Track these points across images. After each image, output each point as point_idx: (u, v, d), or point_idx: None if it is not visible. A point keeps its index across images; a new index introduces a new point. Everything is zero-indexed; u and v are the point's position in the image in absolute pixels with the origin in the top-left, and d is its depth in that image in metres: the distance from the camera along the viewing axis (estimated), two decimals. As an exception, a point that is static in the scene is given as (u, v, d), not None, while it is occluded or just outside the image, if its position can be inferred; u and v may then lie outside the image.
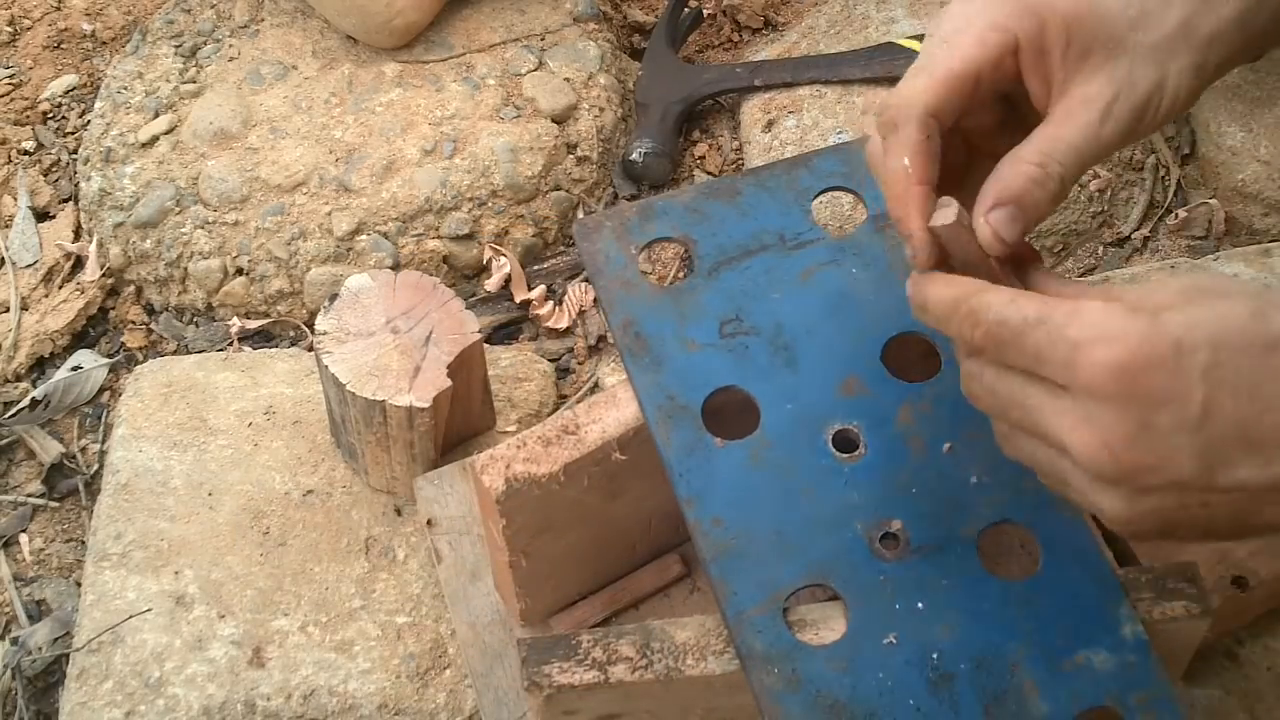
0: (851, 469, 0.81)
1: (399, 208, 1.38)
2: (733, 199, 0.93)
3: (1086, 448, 0.64)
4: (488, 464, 0.86)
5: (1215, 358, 0.63)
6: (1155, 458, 0.64)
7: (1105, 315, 0.64)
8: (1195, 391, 0.63)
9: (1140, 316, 0.64)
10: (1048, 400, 0.66)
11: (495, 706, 1.00)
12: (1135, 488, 0.65)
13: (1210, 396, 0.63)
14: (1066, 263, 1.41)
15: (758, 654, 0.75)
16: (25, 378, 1.37)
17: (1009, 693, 0.74)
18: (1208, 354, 0.63)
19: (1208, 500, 0.65)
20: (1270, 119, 1.43)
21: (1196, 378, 0.63)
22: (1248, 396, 0.63)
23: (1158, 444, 0.63)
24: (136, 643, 1.11)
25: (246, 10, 1.55)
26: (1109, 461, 0.64)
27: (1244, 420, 0.63)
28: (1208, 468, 0.64)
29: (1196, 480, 0.64)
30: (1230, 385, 0.63)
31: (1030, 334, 0.66)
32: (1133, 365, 0.63)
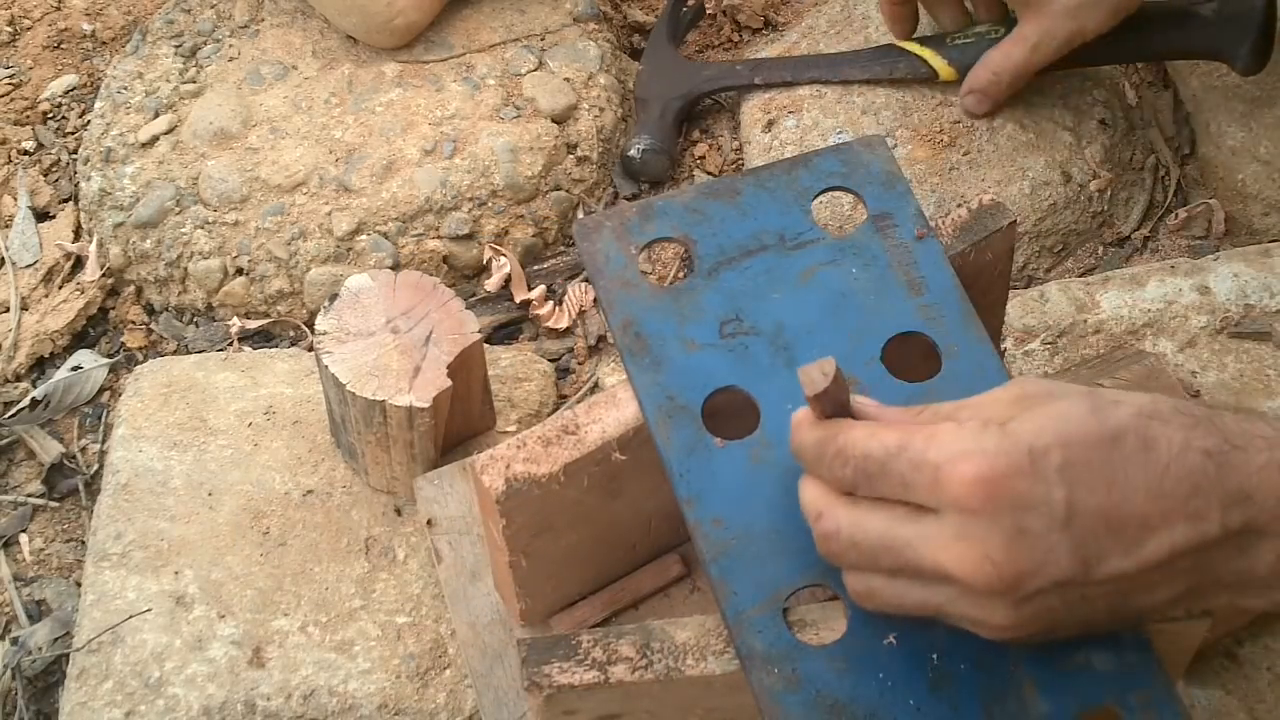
0: None
1: (399, 208, 1.38)
2: (733, 199, 0.93)
3: (966, 563, 0.66)
4: (488, 464, 0.86)
5: (1067, 456, 0.66)
6: (1033, 562, 0.66)
7: (959, 435, 0.68)
8: (1057, 491, 0.66)
9: (990, 430, 0.67)
10: (917, 530, 0.68)
11: (495, 706, 1.00)
12: (1019, 595, 0.67)
13: (1071, 494, 0.66)
14: (1066, 262, 1.41)
15: (758, 654, 0.75)
16: (25, 378, 1.37)
17: (1009, 693, 0.74)
18: (1059, 453, 0.66)
19: (1086, 594, 0.68)
20: (1270, 119, 1.43)
21: (1055, 478, 0.66)
22: (1104, 488, 0.66)
23: (1034, 547, 0.66)
24: (136, 643, 1.11)
25: (246, 10, 1.55)
26: (991, 572, 0.66)
27: (1105, 511, 0.66)
28: (1083, 562, 0.66)
29: (1075, 576, 0.66)
30: (1085, 480, 0.66)
31: (894, 463, 0.69)
32: (994, 475, 0.66)
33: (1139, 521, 0.66)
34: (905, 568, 0.69)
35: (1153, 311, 1.26)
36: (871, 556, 0.71)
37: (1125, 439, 0.67)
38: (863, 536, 0.70)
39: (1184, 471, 0.67)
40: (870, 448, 0.69)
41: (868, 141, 0.96)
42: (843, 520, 0.71)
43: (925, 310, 0.87)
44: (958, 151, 1.42)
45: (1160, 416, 0.68)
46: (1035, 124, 1.44)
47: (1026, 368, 1.23)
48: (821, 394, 0.72)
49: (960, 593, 0.68)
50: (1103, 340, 1.25)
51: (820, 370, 0.72)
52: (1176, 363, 1.22)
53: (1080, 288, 1.29)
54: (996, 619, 0.68)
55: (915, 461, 0.68)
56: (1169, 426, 0.68)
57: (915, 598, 0.71)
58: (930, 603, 0.70)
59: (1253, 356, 1.22)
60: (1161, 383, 1.09)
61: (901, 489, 0.69)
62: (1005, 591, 0.67)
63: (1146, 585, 0.68)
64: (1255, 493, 0.67)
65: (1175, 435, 0.67)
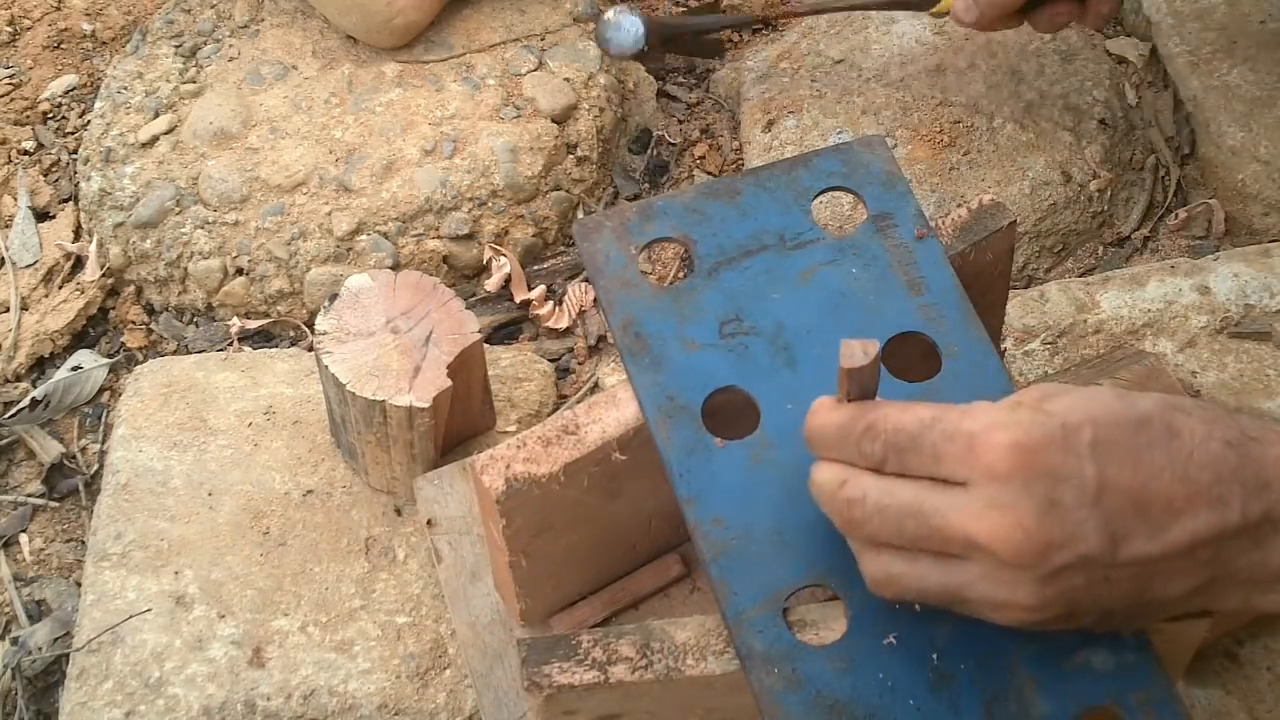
0: None
1: (399, 208, 1.38)
2: (733, 199, 0.93)
3: (998, 530, 0.67)
4: (488, 464, 0.86)
5: (1098, 434, 0.68)
6: (1063, 534, 0.67)
7: (993, 409, 0.69)
8: (1088, 466, 0.67)
9: (1023, 407, 0.69)
10: (948, 499, 0.69)
11: (495, 707, 1.00)
12: (1046, 570, 0.67)
13: (1102, 470, 0.67)
14: (1066, 263, 1.41)
15: (757, 654, 0.75)
16: (25, 378, 1.37)
17: (1009, 692, 0.74)
18: (1091, 431, 0.68)
19: (1110, 575, 0.68)
20: (1270, 119, 1.43)
21: (1087, 453, 0.67)
22: (1132, 468, 0.67)
23: (1065, 519, 0.67)
24: (136, 643, 1.11)
25: (246, 10, 1.55)
26: (1023, 540, 0.67)
27: (1133, 491, 0.67)
28: (1110, 540, 0.67)
29: (1102, 555, 0.67)
30: (1116, 459, 0.67)
31: (927, 434, 0.69)
32: (1029, 444, 0.67)
33: (1165, 504, 0.67)
34: (932, 536, 0.69)
35: (1153, 311, 1.26)
36: (896, 523, 0.70)
37: (1152, 423, 0.69)
38: (890, 499, 0.70)
39: (1207, 458, 0.68)
40: (904, 420, 0.70)
41: (868, 141, 0.96)
42: (869, 485, 0.71)
43: (925, 310, 0.87)
44: (958, 151, 1.42)
45: (1183, 408, 0.70)
46: (1035, 124, 1.44)
47: (1026, 368, 1.23)
48: (857, 370, 0.72)
49: (985, 570, 0.69)
50: (1103, 340, 1.25)
51: (863, 348, 0.72)
52: (1176, 363, 1.22)
53: (1080, 288, 1.29)
54: (1020, 596, 0.68)
55: (949, 432, 0.69)
56: (1191, 417, 0.69)
57: (936, 579, 0.71)
58: (952, 583, 0.70)
59: (1253, 356, 1.22)
60: (1161, 383, 1.09)
61: (933, 461, 0.69)
62: (1033, 563, 0.67)
63: (1167, 573, 0.69)
64: (1273, 481, 0.69)
65: (1198, 425, 0.69)
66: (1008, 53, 1.50)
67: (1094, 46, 1.53)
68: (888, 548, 0.72)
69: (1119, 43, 1.56)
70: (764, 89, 1.51)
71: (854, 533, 0.73)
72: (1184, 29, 1.51)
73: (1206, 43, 1.50)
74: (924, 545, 0.70)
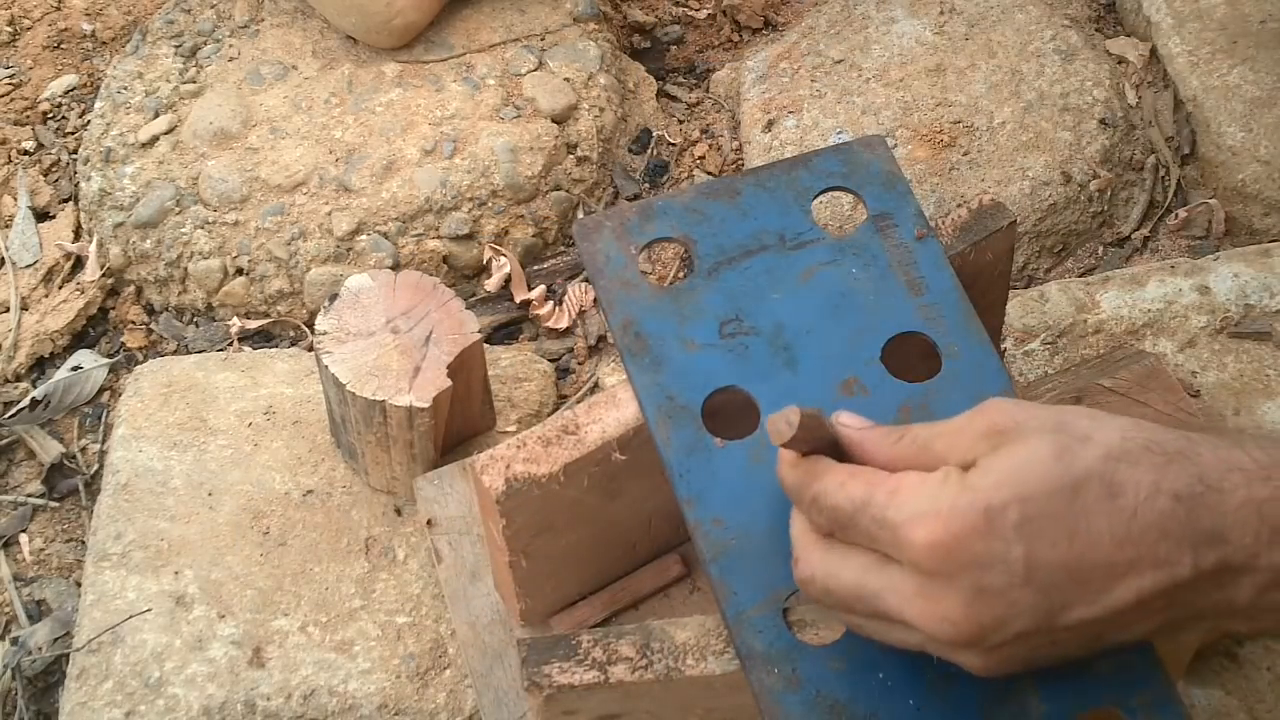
0: None
1: (399, 208, 1.38)
2: (733, 199, 0.93)
3: (927, 620, 0.67)
4: (488, 464, 0.86)
5: (1025, 512, 0.65)
6: (994, 618, 0.66)
7: (919, 493, 0.67)
8: (1014, 549, 0.65)
9: (950, 485, 0.67)
10: (886, 580, 0.69)
11: (495, 706, 1.00)
12: (984, 646, 0.67)
13: (1030, 550, 0.65)
14: (1066, 263, 1.41)
15: (757, 654, 0.75)
16: (25, 378, 1.37)
17: (1009, 694, 0.74)
18: (1017, 510, 0.65)
19: (1055, 639, 0.68)
20: (1270, 119, 1.43)
21: (1013, 535, 0.65)
22: (1066, 540, 0.65)
23: (994, 604, 0.66)
24: (136, 643, 1.11)
25: (246, 10, 1.55)
26: (951, 630, 0.67)
27: (1067, 564, 0.65)
28: (1047, 614, 0.66)
29: (1040, 627, 0.66)
30: (1046, 535, 0.65)
31: (859, 518, 0.69)
32: (949, 538, 0.66)
33: (1104, 570, 0.66)
34: (878, 614, 0.70)
35: (1153, 311, 1.26)
36: (845, 604, 0.72)
37: (1088, 487, 0.66)
38: (835, 585, 0.71)
39: (1153, 517, 0.65)
40: (839, 500, 0.70)
41: (868, 141, 0.96)
42: (817, 568, 0.72)
43: (925, 310, 0.87)
44: (958, 151, 1.42)
45: (1129, 458, 0.67)
46: (1035, 124, 1.44)
47: (1026, 368, 1.23)
48: (790, 442, 0.72)
49: (932, 641, 0.69)
50: (1103, 340, 1.24)
51: (785, 420, 0.71)
52: (1176, 363, 1.22)
53: (1080, 288, 1.29)
54: (970, 663, 0.69)
55: (878, 519, 0.68)
56: (1137, 468, 0.66)
57: (896, 637, 0.71)
58: (910, 641, 0.71)
59: (1253, 356, 1.22)
60: (1161, 383, 1.09)
61: (869, 541, 0.70)
62: (969, 645, 0.67)
63: (1118, 624, 0.67)
64: (1229, 532, 0.66)
65: (1144, 478, 0.66)
66: (1008, 53, 1.51)
67: (1094, 47, 1.53)
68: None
69: (1119, 43, 1.56)
70: (764, 89, 1.52)
71: (815, 603, 0.75)
72: (1184, 29, 1.51)
73: (1206, 43, 1.50)
74: (876, 618, 0.71)
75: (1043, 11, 1.55)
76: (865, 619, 0.72)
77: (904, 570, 0.68)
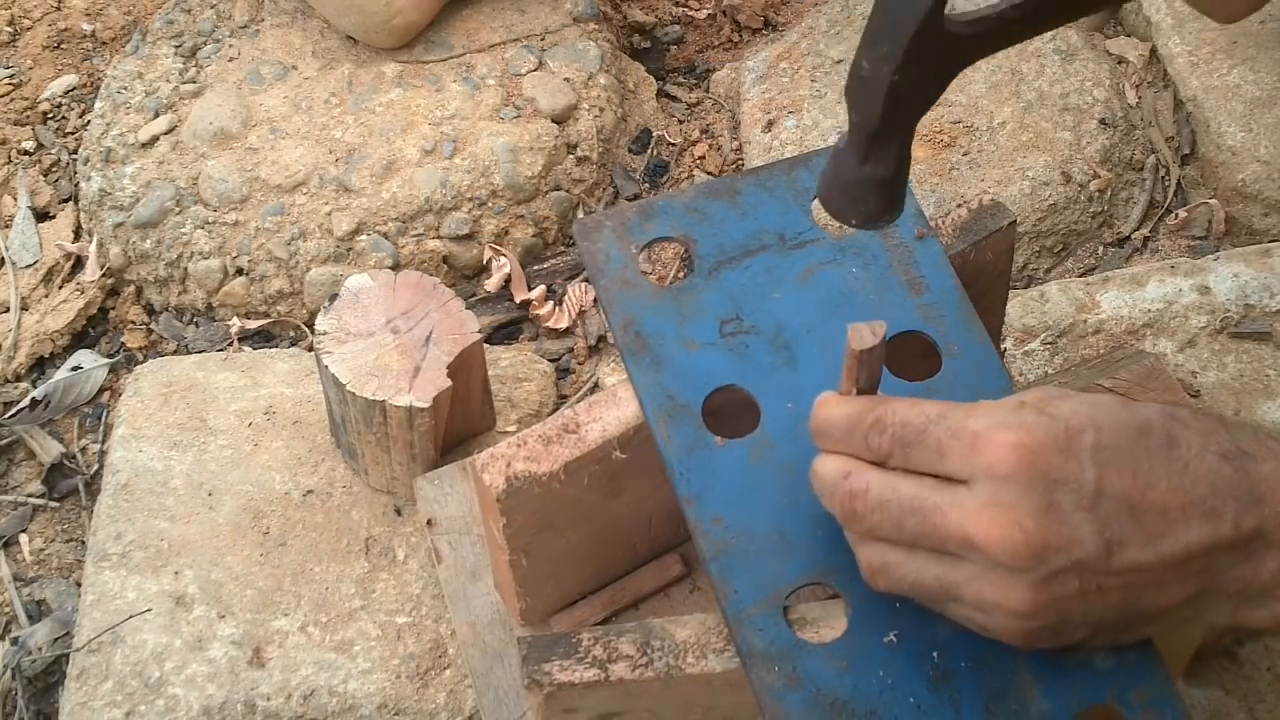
0: None
1: (399, 208, 1.38)
2: (733, 199, 0.93)
3: (995, 528, 0.67)
4: (488, 463, 0.86)
5: (1099, 439, 0.68)
6: (1061, 536, 0.67)
7: (998, 409, 0.70)
8: (1088, 470, 0.68)
9: (1027, 408, 0.70)
10: (949, 497, 0.69)
11: (495, 706, 1.00)
12: (1040, 573, 0.68)
13: (1101, 475, 0.68)
14: (1066, 263, 1.41)
15: (758, 652, 0.75)
16: (25, 378, 1.37)
17: (1010, 691, 0.74)
18: (1093, 435, 0.68)
19: (1102, 584, 0.69)
20: (1270, 119, 1.43)
21: (1088, 457, 0.68)
22: (1130, 474, 0.68)
23: (1062, 522, 0.67)
24: (136, 643, 1.11)
25: (246, 10, 1.55)
26: (1020, 540, 0.67)
27: (1129, 497, 0.68)
28: (1105, 546, 0.68)
29: (1096, 561, 0.68)
30: (1115, 464, 0.68)
31: (933, 430, 0.70)
32: (1031, 445, 0.68)
33: (1160, 512, 0.68)
34: (931, 534, 0.70)
35: (1153, 312, 1.26)
36: (897, 519, 0.71)
37: (1152, 431, 0.69)
38: (893, 495, 0.71)
39: (1203, 470, 0.69)
40: (910, 415, 0.71)
41: (868, 141, 0.96)
42: (873, 479, 0.72)
43: (925, 310, 0.87)
44: (958, 151, 1.42)
45: (1180, 419, 0.70)
46: (1035, 124, 1.44)
47: (1026, 368, 1.23)
48: (866, 352, 0.72)
49: (980, 570, 0.69)
50: (1103, 340, 1.25)
51: (871, 329, 0.72)
52: (1176, 363, 1.22)
53: (1080, 288, 1.29)
54: (1012, 599, 0.69)
55: (954, 429, 0.69)
56: (1189, 429, 0.70)
57: (931, 573, 0.71)
58: (948, 579, 0.70)
59: (1253, 357, 1.22)
60: (1161, 382, 1.09)
61: (937, 457, 0.70)
62: (1028, 565, 0.67)
63: (1159, 583, 0.69)
64: (1266, 496, 0.69)
65: (1194, 438, 0.70)
66: (1008, 53, 1.50)
67: (1094, 46, 1.53)
68: (886, 540, 0.72)
69: (1119, 43, 1.56)
70: (764, 89, 1.52)
71: (854, 526, 0.73)
72: (1184, 29, 1.51)
73: (1206, 43, 1.50)
74: (923, 542, 0.70)
75: (1042, 12, 1.54)
76: (908, 550, 0.71)
77: (972, 487, 0.68)
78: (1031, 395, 0.72)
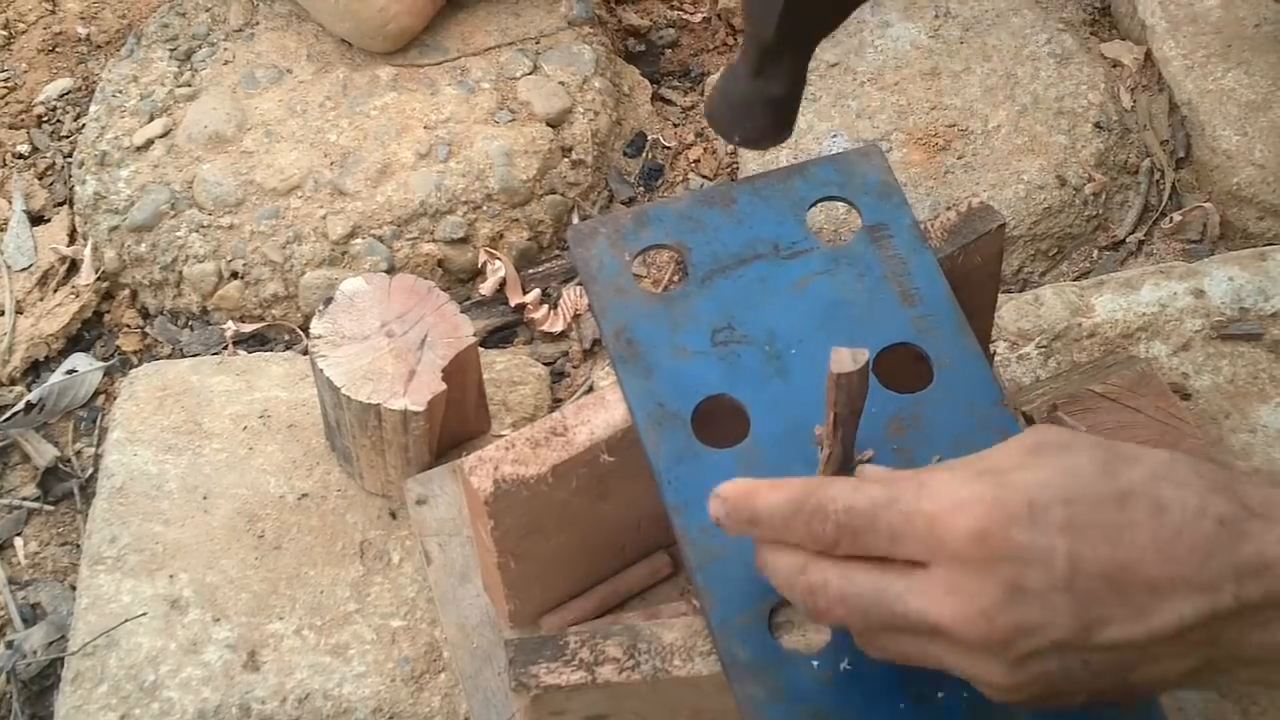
0: None
1: (394, 211, 1.38)
2: (728, 207, 0.93)
3: (959, 618, 0.63)
4: (476, 465, 0.86)
5: (1071, 513, 0.62)
6: (1031, 619, 0.62)
7: (953, 484, 0.64)
8: (1058, 546, 0.62)
9: (987, 479, 0.64)
10: (908, 584, 0.64)
11: (484, 707, 1.00)
12: (1015, 654, 0.63)
13: (1074, 550, 0.62)
14: (1061, 266, 1.41)
15: (741, 663, 0.75)
16: (20, 381, 1.37)
17: (994, 710, 0.73)
18: (1062, 510, 0.62)
19: (1088, 660, 0.64)
20: (1265, 123, 1.43)
21: (1056, 533, 0.62)
22: (1110, 548, 0.62)
23: (1032, 605, 0.62)
24: (131, 646, 1.11)
25: (241, 14, 1.55)
26: (985, 627, 0.62)
27: (1110, 572, 0.62)
28: (1084, 625, 0.62)
29: (1075, 639, 0.63)
30: (1091, 538, 0.62)
31: (883, 515, 0.65)
32: (992, 526, 0.62)
33: (1147, 587, 0.62)
34: (899, 622, 0.65)
35: (1147, 315, 1.26)
36: (862, 611, 0.66)
37: (1135, 500, 0.63)
38: (852, 589, 0.66)
39: (1197, 538, 0.62)
40: (856, 500, 0.66)
41: (864, 151, 0.96)
42: (830, 573, 0.67)
43: (918, 322, 0.87)
44: (952, 155, 1.42)
45: (1175, 478, 0.64)
46: (1030, 127, 1.44)
47: (1020, 371, 1.23)
48: (845, 377, 0.70)
49: (956, 648, 0.65)
50: (1097, 344, 1.25)
51: (853, 355, 0.70)
52: (1171, 366, 1.22)
53: (1075, 291, 1.29)
54: (993, 677, 0.65)
55: (907, 512, 0.64)
56: (1184, 490, 0.64)
57: (913, 648, 0.67)
58: (928, 653, 0.66)
59: (1247, 360, 1.22)
60: (1153, 388, 1.09)
61: (889, 543, 0.65)
62: (1000, 649, 0.63)
63: (1153, 657, 0.64)
64: (1276, 563, 0.63)
65: (1190, 499, 0.63)
66: (1003, 56, 1.51)
67: (1089, 50, 1.53)
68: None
69: (1114, 46, 1.56)
70: None
71: (823, 620, 0.69)
72: (1179, 32, 1.52)
73: (1201, 46, 1.50)
74: (894, 627, 0.66)
75: (1038, 15, 1.55)
76: (881, 629, 0.67)
77: (931, 570, 0.64)
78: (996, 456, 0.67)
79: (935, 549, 0.63)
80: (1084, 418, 1.08)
